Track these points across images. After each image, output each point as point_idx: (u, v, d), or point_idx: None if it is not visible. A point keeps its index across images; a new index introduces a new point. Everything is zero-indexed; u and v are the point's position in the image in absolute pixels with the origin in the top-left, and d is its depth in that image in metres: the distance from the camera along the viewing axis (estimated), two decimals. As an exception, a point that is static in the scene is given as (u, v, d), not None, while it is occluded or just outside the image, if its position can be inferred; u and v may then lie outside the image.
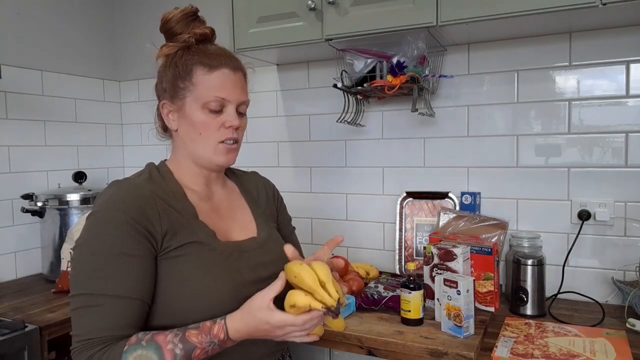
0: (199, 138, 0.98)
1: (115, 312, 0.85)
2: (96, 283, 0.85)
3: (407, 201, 1.85)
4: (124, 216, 0.87)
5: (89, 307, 0.85)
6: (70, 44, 2.29)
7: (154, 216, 0.90)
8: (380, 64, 1.62)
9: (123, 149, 2.57)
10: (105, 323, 0.84)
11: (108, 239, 0.86)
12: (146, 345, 0.83)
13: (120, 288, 0.85)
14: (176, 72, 0.98)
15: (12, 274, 2.04)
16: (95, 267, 0.85)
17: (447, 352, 1.19)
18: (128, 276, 0.86)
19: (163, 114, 1.01)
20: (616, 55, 1.54)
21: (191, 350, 0.84)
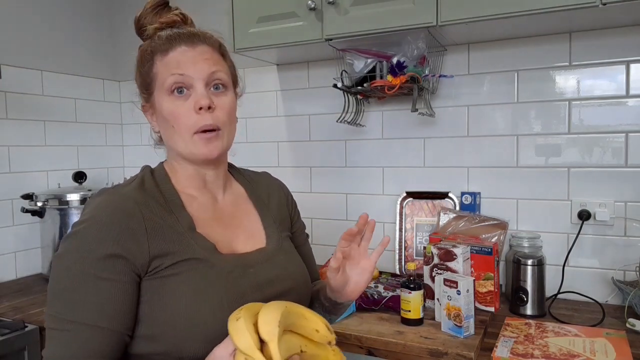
0: (173, 131, 0.85)
1: (82, 340, 0.74)
2: (64, 305, 0.75)
3: (407, 201, 1.85)
4: (102, 235, 0.75)
5: (57, 330, 0.75)
6: (70, 44, 2.29)
7: (141, 235, 0.78)
8: (380, 64, 1.62)
9: (123, 149, 2.57)
10: (71, 351, 0.74)
11: (85, 257, 0.75)
12: None
13: (88, 315, 0.74)
14: (141, 68, 0.88)
15: (12, 274, 2.04)
16: (66, 287, 0.76)
17: (447, 352, 1.19)
18: (99, 301, 0.75)
19: (147, 118, 0.92)
20: (616, 55, 1.54)
21: None
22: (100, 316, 0.75)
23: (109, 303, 0.75)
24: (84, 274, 0.75)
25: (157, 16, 0.90)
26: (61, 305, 0.76)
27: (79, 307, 0.74)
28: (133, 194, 0.82)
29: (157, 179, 0.88)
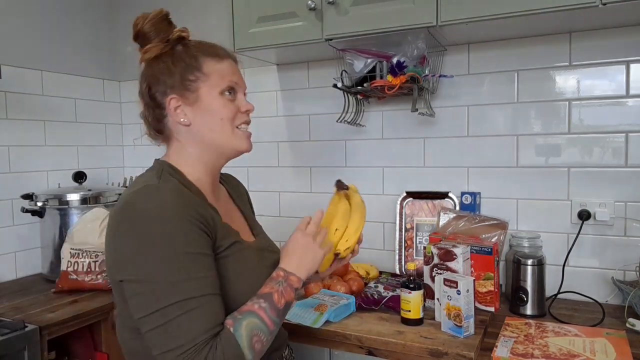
0: (220, 124, 0.98)
1: (210, 309, 0.84)
2: (183, 288, 0.82)
3: (407, 201, 1.85)
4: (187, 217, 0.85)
5: (185, 314, 0.81)
6: (70, 44, 2.29)
7: (207, 217, 0.90)
8: (380, 64, 1.62)
9: (123, 149, 2.57)
10: (205, 322, 0.83)
11: (180, 241, 0.83)
12: (242, 317, 0.87)
13: (206, 286, 0.85)
14: (184, 66, 0.97)
15: (12, 274, 2.04)
16: (174, 272, 0.82)
17: (447, 352, 1.19)
18: (209, 273, 0.87)
19: (170, 110, 0.98)
20: (616, 55, 1.54)
21: (270, 297, 0.90)
22: (214, 285, 0.87)
23: (213, 272, 0.88)
24: (186, 253, 0.83)
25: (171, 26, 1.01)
26: (177, 291, 0.82)
27: (197, 283, 0.83)
28: (181, 187, 0.93)
29: (179, 175, 0.97)
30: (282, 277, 0.94)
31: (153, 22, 0.99)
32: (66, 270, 1.79)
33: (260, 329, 0.87)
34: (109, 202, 2.03)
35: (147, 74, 1.00)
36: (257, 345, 0.86)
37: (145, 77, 1.00)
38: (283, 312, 0.92)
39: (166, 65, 0.97)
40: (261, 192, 2.16)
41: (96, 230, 1.82)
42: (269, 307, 0.89)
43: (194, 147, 1.00)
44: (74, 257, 1.79)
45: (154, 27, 0.99)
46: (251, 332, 0.85)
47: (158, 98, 0.99)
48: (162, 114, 1.00)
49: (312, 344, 1.37)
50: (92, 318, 1.64)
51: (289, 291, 0.94)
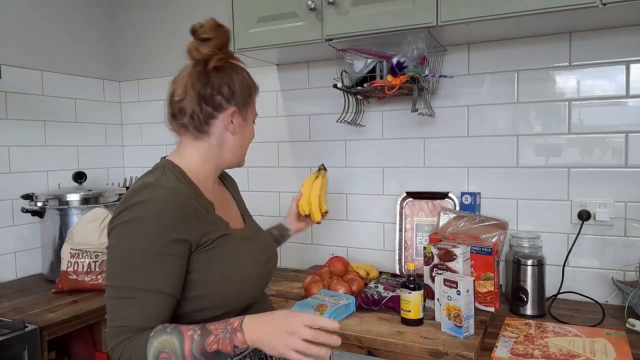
0: (246, 144, 1.17)
1: (147, 305, 0.92)
2: (132, 277, 0.92)
3: (407, 201, 1.85)
4: (167, 222, 0.94)
5: (124, 298, 0.92)
6: (71, 44, 2.29)
7: (192, 219, 0.98)
8: (380, 64, 1.62)
9: (123, 149, 2.57)
10: (138, 314, 0.92)
11: (150, 239, 0.92)
12: (170, 332, 0.91)
13: (154, 283, 0.92)
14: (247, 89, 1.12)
15: (12, 274, 2.04)
16: (134, 262, 0.92)
17: (447, 352, 1.19)
18: (163, 273, 0.93)
19: (224, 118, 1.09)
20: (616, 55, 1.54)
21: (206, 335, 0.91)
22: (165, 285, 0.93)
23: (171, 274, 0.94)
24: (152, 252, 0.92)
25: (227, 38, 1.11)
26: (129, 277, 0.92)
27: (148, 279, 0.92)
28: (178, 186, 1.01)
29: (180, 173, 1.06)
30: (232, 329, 0.92)
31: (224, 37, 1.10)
32: (66, 270, 1.79)
33: (174, 350, 0.89)
34: (109, 202, 2.03)
35: (215, 77, 1.08)
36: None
37: (213, 80, 1.07)
38: (211, 355, 0.91)
39: (234, 78, 1.10)
40: (261, 192, 2.17)
41: (96, 230, 1.82)
42: (199, 342, 0.90)
43: (218, 150, 1.11)
44: (74, 257, 1.79)
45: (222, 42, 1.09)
46: (163, 347, 0.89)
47: (218, 100, 1.08)
48: (214, 114, 1.08)
49: (312, 344, 1.37)
50: (92, 318, 1.64)
51: (227, 343, 0.91)
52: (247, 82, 1.12)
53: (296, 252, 2.09)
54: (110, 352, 0.94)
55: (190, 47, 1.08)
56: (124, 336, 0.91)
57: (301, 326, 0.91)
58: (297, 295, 1.63)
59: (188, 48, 1.08)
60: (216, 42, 1.07)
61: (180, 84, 1.10)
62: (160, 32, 2.39)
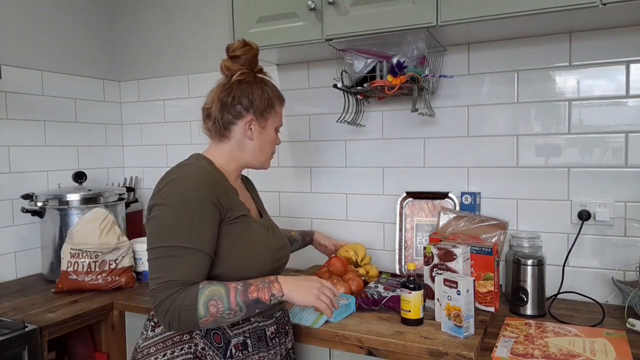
0: (267, 149, 1.30)
1: (192, 262, 1.05)
2: (180, 237, 1.05)
3: (407, 201, 1.85)
4: (203, 190, 1.09)
5: (171, 257, 1.04)
6: (70, 44, 2.29)
7: (221, 192, 1.13)
8: (380, 64, 1.62)
9: (123, 149, 2.57)
10: (184, 270, 1.04)
11: (191, 205, 1.07)
12: (217, 284, 1.06)
13: (198, 243, 1.06)
14: (267, 100, 1.26)
15: (12, 274, 2.04)
16: (178, 224, 1.05)
17: (447, 352, 1.19)
18: (204, 235, 1.07)
19: (243, 125, 1.23)
20: (616, 55, 1.54)
21: (248, 286, 1.08)
22: (205, 245, 1.07)
23: (210, 236, 1.09)
24: (193, 215, 1.06)
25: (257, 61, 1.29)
26: (173, 238, 1.05)
27: (191, 238, 1.05)
28: (208, 168, 1.18)
29: (209, 163, 1.21)
30: (269, 281, 1.11)
31: (251, 55, 1.25)
32: (66, 270, 1.79)
33: (221, 298, 1.04)
34: (109, 202, 2.03)
35: (237, 89, 1.23)
36: (212, 308, 1.03)
37: (235, 91, 1.22)
38: (251, 302, 1.07)
39: (254, 91, 1.24)
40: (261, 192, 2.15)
41: (96, 230, 1.82)
42: (241, 291, 1.06)
43: (239, 152, 1.26)
44: (74, 257, 1.79)
45: (249, 59, 1.25)
46: (212, 296, 1.03)
47: (238, 109, 1.23)
48: (234, 121, 1.23)
49: (312, 344, 1.37)
50: (92, 318, 1.64)
51: (265, 291, 1.09)
52: (268, 95, 1.26)
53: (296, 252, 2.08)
54: (158, 305, 1.02)
55: (221, 64, 1.25)
56: (174, 289, 1.02)
57: (326, 285, 1.18)
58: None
59: (220, 65, 1.26)
60: (243, 59, 1.24)
61: (211, 94, 1.26)
62: (160, 32, 2.39)
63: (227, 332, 1.14)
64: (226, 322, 1.07)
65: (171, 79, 2.38)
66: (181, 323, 1.02)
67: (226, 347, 1.13)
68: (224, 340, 1.14)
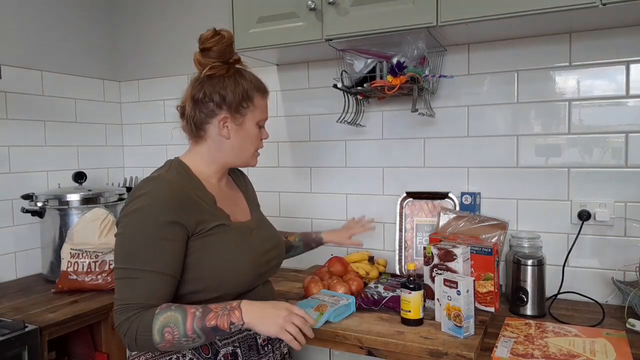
0: (248, 147, 1.21)
1: (151, 284, 1.02)
2: (139, 260, 1.01)
3: (407, 201, 1.85)
4: (166, 209, 1.04)
5: (130, 279, 1.01)
6: (70, 44, 2.29)
7: (189, 208, 1.07)
8: (380, 64, 1.62)
9: (123, 149, 2.57)
10: (142, 293, 1.01)
11: (151, 226, 1.02)
12: (174, 309, 1.01)
13: (157, 265, 1.02)
14: (242, 94, 1.16)
15: (12, 274, 2.04)
16: (137, 246, 1.02)
17: (447, 353, 1.19)
18: (165, 256, 1.03)
19: (217, 123, 1.15)
20: (616, 55, 1.54)
21: (207, 312, 1.01)
22: (165, 266, 1.03)
23: (171, 257, 1.04)
24: (152, 236, 1.02)
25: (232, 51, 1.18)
26: (133, 260, 1.02)
27: (150, 260, 1.01)
28: (177, 179, 1.12)
29: (185, 169, 1.16)
30: (230, 307, 1.03)
31: (223, 46, 1.16)
32: (66, 270, 1.79)
33: (177, 325, 0.99)
34: (109, 202, 2.03)
35: (208, 85, 1.15)
36: (167, 335, 0.99)
37: (205, 87, 1.14)
38: (209, 329, 1.00)
39: (226, 86, 1.15)
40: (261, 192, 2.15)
41: (96, 230, 1.82)
42: (199, 317, 1.00)
43: (218, 152, 1.19)
44: (74, 257, 1.79)
45: (221, 50, 1.15)
46: (167, 322, 0.99)
47: (211, 107, 1.15)
48: (207, 120, 1.16)
49: (312, 344, 1.37)
50: (92, 318, 1.64)
51: (224, 319, 1.01)
52: (243, 88, 1.16)
53: (296, 252, 2.09)
54: (118, 327, 1.01)
55: (194, 58, 1.17)
56: (131, 312, 1.00)
57: (294, 313, 1.05)
58: (297, 295, 1.63)
59: (193, 59, 1.17)
60: (215, 51, 1.15)
61: (186, 90, 1.19)
62: (160, 32, 2.39)
63: (215, 343, 1.12)
64: (186, 347, 1.04)
65: (171, 79, 2.38)
66: (139, 347, 1.01)
67: (214, 357, 1.11)
68: (212, 350, 1.11)
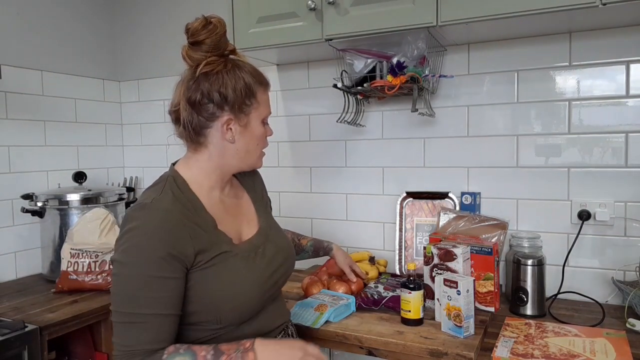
0: (255, 148, 1.10)
1: (155, 327, 0.93)
2: (137, 302, 0.93)
3: (407, 201, 1.85)
4: (160, 245, 0.93)
5: (131, 323, 0.93)
6: (70, 44, 2.29)
7: (186, 240, 0.97)
8: (380, 64, 1.62)
9: (123, 149, 2.57)
10: (145, 337, 0.93)
11: (146, 265, 0.93)
12: (183, 353, 0.93)
13: (158, 307, 0.93)
14: (243, 91, 1.02)
15: (12, 274, 2.04)
16: (136, 288, 0.93)
17: (447, 352, 1.19)
18: (165, 295, 0.94)
19: (219, 127, 1.03)
20: (616, 55, 1.54)
21: (219, 355, 0.93)
22: (168, 306, 0.94)
23: (171, 295, 0.95)
24: (151, 276, 0.93)
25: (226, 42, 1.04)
26: (134, 304, 0.93)
27: (152, 303, 0.93)
28: (172, 207, 0.98)
29: (181, 188, 1.03)
30: (244, 349, 0.95)
31: (217, 36, 1.01)
32: (66, 270, 1.79)
33: None
34: (109, 202, 2.03)
35: (204, 83, 1.01)
36: None
37: (202, 86, 1.01)
38: None
39: (226, 82, 1.01)
40: (261, 192, 2.17)
41: (96, 230, 1.82)
42: None
43: (221, 159, 1.06)
44: (74, 257, 1.79)
45: (214, 42, 1.01)
46: None
47: (211, 109, 1.01)
48: (208, 124, 1.03)
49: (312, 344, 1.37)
50: (92, 318, 1.64)
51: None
52: (244, 82, 1.02)
53: (296, 252, 2.09)
54: None
55: (182, 52, 1.02)
56: (136, 358, 0.92)
57: (311, 353, 0.97)
58: (297, 295, 1.63)
59: (181, 53, 1.02)
60: (208, 43, 1.00)
61: (176, 91, 1.05)
62: (160, 32, 2.39)
63: None
64: None
65: (171, 79, 2.35)
66: None
67: None
68: None
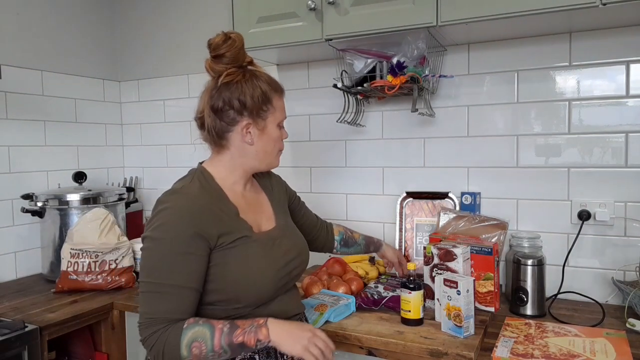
0: (272, 149, 1.21)
1: (177, 299, 1.03)
2: (165, 274, 1.03)
3: (407, 201, 1.85)
4: (189, 223, 1.05)
5: (156, 293, 1.03)
6: (70, 44, 2.29)
7: (211, 222, 1.08)
8: (380, 64, 1.62)
9: (123, 149, 2.57)
10: (168, 307, 1.03)
11: (175, 241, 1.04)
12: (202, 324, 1.02)
13: (183, 280, 1.03)
14: (260, 98, 1.15)
15: (12, 274, 2.04)
16: (163, 261, 1.03)
17: (447, 352, 1.19)
18: (190, 270, 1.04)
19: (239, 130, 1.14)
20: (616, 55, 1.54)
21: (234, 329, 1.02)
22: (191, 280, 1.05)
23: (195, 271, 1.05)
24: (177, 251, 1.03)
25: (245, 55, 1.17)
26: (159, 274, 1.03)
27: (175, 275, 1.03)
28: (199, 193, 1.11)
29: (207, 179, 1.16)
30: (257, 325, 1.04)
31: (236, 49, 1.13)
32: (66, 270, 1.79)
33: (205, 340, 1.01)
34: (109, 202, 2.03)
35: (225, 92, 1.13)
36: (195, 349, 1.00)
37: (224, 95, 1.13)
38: (236, 345, 1.02)
39: (244, 91, 1.13)
40: (261, 192, 2.17)
41: (96, 230, 1.82)
42: (227, 334, 1.02)
43: (242, 159, 1.18)
44: (74, 257, 1.79)
45: (234, 55, 1.13)
46: (195, 337, 1.01)
47: (231, 115, 1.13)
48: (229, 128, 1.14)
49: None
50: (92, 318, 1.64)
51: (251, 336, 1.02)
52: (261, 90, 1.15)
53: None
54: (143, 340, 1.03)
55: (205, 65, 1.15)
56: (158, 326, 1.02)
57: (319, 336, 1.07)
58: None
59: (205, 65, 1.15)
60: (228, 55, 1.12)
61: (201, 100, 1.17)
62: (160, 32, 2.39)
63: None
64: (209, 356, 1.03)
65: (171, 79, 2.38)
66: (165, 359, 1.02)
67: None
68: None
